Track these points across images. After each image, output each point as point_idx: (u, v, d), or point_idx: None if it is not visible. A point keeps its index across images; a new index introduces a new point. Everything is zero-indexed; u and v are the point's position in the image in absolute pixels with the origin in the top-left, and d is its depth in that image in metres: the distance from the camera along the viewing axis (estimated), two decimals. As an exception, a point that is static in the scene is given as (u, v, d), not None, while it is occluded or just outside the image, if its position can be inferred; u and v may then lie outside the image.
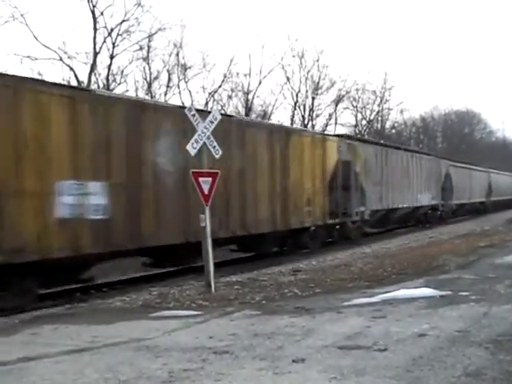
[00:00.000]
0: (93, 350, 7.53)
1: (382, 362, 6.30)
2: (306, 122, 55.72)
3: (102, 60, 40.13)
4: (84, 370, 6.55)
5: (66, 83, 29.20)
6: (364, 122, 67.52)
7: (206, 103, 45.15)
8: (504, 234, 24.18)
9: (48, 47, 37.55)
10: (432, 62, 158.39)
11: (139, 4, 39.36)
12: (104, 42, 39.30)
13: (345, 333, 7.78)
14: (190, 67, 46.56)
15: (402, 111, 71.69)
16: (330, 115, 60.15)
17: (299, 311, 9.59)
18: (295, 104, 56.27)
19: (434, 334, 7.43)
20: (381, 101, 67.19)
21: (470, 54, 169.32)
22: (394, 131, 74.12)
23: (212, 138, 12.78)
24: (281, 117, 51.93)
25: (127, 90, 41.34)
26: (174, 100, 42.32)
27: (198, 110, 13.27)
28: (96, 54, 38.77)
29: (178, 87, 46.31)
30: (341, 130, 57.79)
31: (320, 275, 14.38)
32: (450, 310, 9.00)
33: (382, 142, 39.73)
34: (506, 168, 75.11)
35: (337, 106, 60.16)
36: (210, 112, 13.94)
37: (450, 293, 10.52)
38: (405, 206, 33.58)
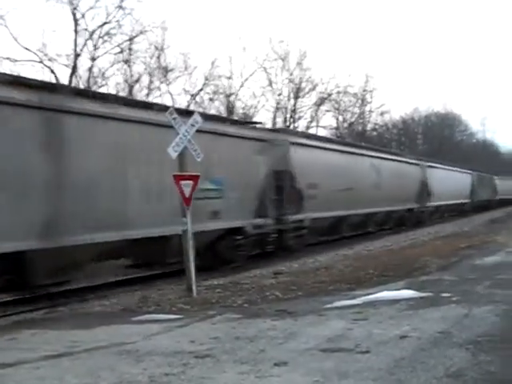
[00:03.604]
0: (73, 355, 7.44)
1: (365, 365, 6.28)
2: (287, 124, 55.77)
3: (83, 62, 39.84)
4: (64, 375, 6.47)
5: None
6: (345, 125, 67.73)
7: (188, 106, 45.02)
8: (484, 235, 24.30)
9: (28, 49, 37.21)
10: (412, 64, 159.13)
11: (120, 7, 39.16)
12: (85, 44, 39.08)
13: (327, 335, 7.76)
14: (171, 70, 46.44)
15: (382, 113, 71.85)
16: (312, 118, 60.29)
17: (281, 314, 9.56)
18: (277, 106, 56.34)
19: (415, 336, 7.43)
20: (362, 103, 67.47)
21: (451, 57, 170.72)
22: (375, 133, 74.37)
23: (193, 142, 12.76)
24: (263, 119, 51.78)
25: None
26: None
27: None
28: (77, 56, 38.53)
29: (160, 90, 46.19)
30: (322, 133, 58.02)
31: (301, 278, 14.37)
32: (431, 312, 9.01)
33: (334, 140, 37.58)
34: (487, 169, 75.57)
35: (318, 108, 60.32)
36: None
37: (431, 294, 10.54)
38: (372, 210, 31.69)
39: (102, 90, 38.03)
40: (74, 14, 38.02)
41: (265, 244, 22.10)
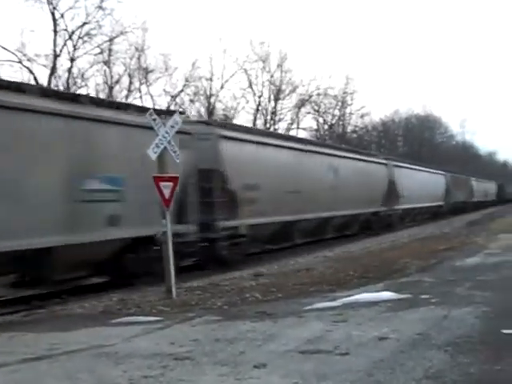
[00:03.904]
0: (51, 357, 7.39)
1: (344, 366, 6.29)
2: (268, 126, 55.85)
3: (63, 63, 39.70)
4: (42, 378, 6.43)
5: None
6: (326, 127, 67.97)
7: (168, 107, 44.99)
8: (464, 237, 24.43)
9: (6, 49, 37.10)
10: (393, 66, 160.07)
11: (100, 7, 39.18)
12: (64, 44, 39.01)
13: (306, 337, 7.75)
14: (151, 71, 46.50)
15: (362, 116, 72.20)
16: (292, 120, 60.46)
17: (261, 316, 9.55)
18: (257, 108, 56.44)
19: (394, 338, 7.44)
20: (342, 105, 67.76)
21: (431, 59, 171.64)
22: (355, 135, 74.65)
23: (173, 143, 12.73)
24: (243, 121, 51.92)
25: (88, 94, 40.96)
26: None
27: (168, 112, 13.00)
28: (56, 56, 38.44)
29: (140, 91, 46.21)
30: (302, 135, 58.13)
31: (281, 279, 14.38)
32: (410, 313, 9.03)
33: (282, 135, 33.54)
34: (465, 171, 75.81)
35: (299, 110, 60.51)
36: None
37: (410, 296, 10.56)
38: (330, 214, 28.61)
39: (82, 91, 38.01)
40: (53, 14, 37.98)
41: (187, 255, 18.52)
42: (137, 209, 16.09)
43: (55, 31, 38.21)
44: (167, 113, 18.34)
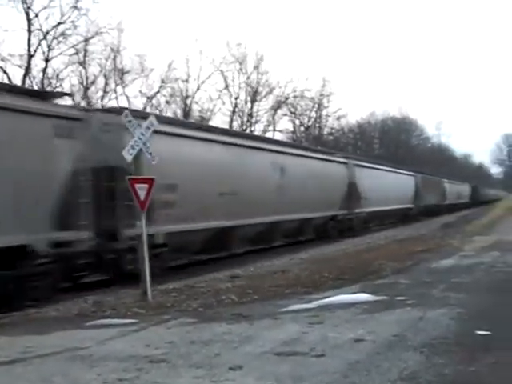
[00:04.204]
0: (26, 360, 7.32)
1: (320, 368, 6.29)
2: (244, 128, 55.85)
3: (37, 63, 39.37)
4: (16, 382, 6.39)
5: None
6: (302, 129, 68.13)
7: (144, 108, 44.82)
8: (439, 239, 24.55)
9: (-21, 48, 36.73)
10: (369, 69, 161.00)
11: (76, 7, 38.85)
12: (39, 44, 38.66)
13: (282, 339, 7.75)
14: (127, 72, 46.26)
15: (339, 118, 72.44)
16: (269, 122, 60.50)
17: (237, 318, 9.53)
18: (234, 110, 56.41)
19: (370, 339, 7.47)
20: (318, 107, 67.93)
21: (407, 62, 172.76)
22: (331, 138, 74.88)
23: (148, 145, 12.66)
24: (219, 123, 51.93)
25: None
26: (112, 105, 41.82)
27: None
28: (30, 56, 38.08)
29: (115, 92, 45.94)
30: (279, 137, 58.19)
31: (257, 281, 14.35)
32: (386, 315, 9.07)
33: (212, 128, 27.37)
34: (441, 173, 76.04)
35: (275, 112, 60.57)
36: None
37: (386, 298, 10.61)
38: (276, 219, 24.82)
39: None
40: (27, 14, 37.62)
41: (80, 269, 15.62)
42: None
43: (29, 31, 37.87)
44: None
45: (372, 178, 38.50)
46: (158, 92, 48.93)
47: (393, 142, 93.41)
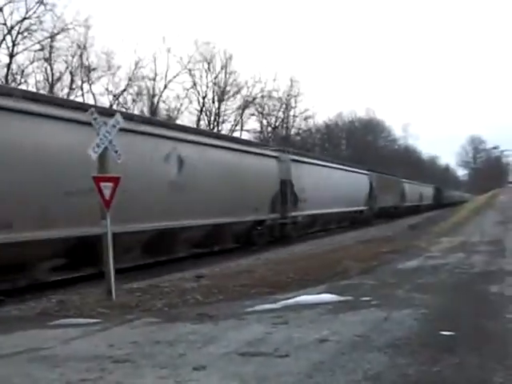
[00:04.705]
0: (-15, 361, 7.21)
1: (284, 369, 6.29)
2: (211, 127, 55.76)
3: (1, 58, 38.99)
4: (-25, 382, 6.27)
5: None
6: (269, 129, 68.22)
7: (111, 106, 44.57)
8: (406, 240, 24.68)
9: None
10: (337, 70, 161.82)
11: (41, 2, 38.56)
12: (3, 39, 38.23)
13: (247, 339, 7.73)
14: (94, 69, 45.99)
15: (306, 118, 72.72)
16: (236, 121, 60.51)
17: (201, 318, 9.49)
18: (201, 109, 56.32)
19: (335, 340, 7.48)
20: (286, 108, 68.13)
21: (374, 63, 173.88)
22: (298, 138, 75.12)
23: (114, 143, 12.54)
24: (186, 122, 51.86)
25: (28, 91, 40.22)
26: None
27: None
28: (-6, 52, 37.64)
29: (82, 89, 45.67)
30: (246, 137, 58.20)
31: (223, 281, 14.31)
32: (351, 316, 9.10)
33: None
34: (408, 175, 76.56)
35: (243, 112, 60.62)
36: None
37: (351, 298, 10.65)
38: (170, 225, 19.57)
39: (22, 88, 37.26)
40: (-9, 8, 37.15)
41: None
42: None
43: (-7, 25, 37.45)
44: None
45: (313, 177, 33.70)
46: (125, 90, 48.76)
47: (359, 143, 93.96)
